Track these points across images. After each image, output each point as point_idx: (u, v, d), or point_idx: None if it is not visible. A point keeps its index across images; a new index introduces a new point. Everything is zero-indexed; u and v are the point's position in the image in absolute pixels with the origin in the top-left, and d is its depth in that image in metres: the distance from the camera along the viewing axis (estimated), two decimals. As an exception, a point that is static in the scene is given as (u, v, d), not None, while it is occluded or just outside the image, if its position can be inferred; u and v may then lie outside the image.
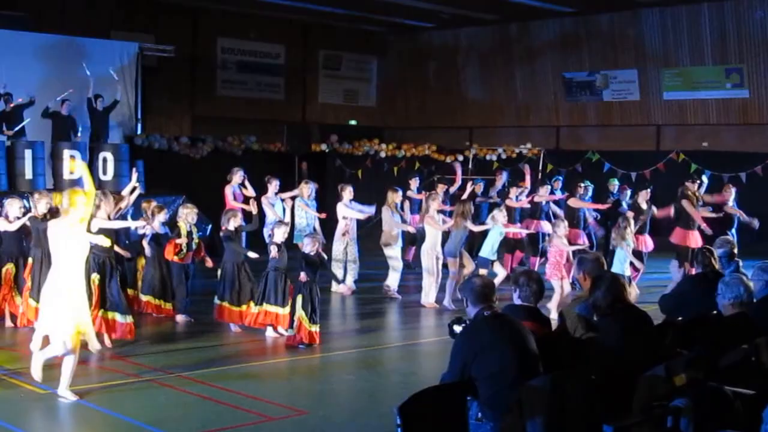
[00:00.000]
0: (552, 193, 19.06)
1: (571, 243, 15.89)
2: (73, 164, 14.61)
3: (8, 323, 13.51)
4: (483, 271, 15.45)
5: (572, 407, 6.45)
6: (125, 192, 14.01)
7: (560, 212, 18.40)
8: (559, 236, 15.18)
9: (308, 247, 12.63)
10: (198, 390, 10.20)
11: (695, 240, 16.78)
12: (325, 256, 13.34)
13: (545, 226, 18.35)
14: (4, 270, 13.30)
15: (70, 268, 9.60)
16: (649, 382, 6.70)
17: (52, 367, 9.89)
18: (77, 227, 9.64)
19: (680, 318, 9.00)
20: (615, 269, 13.57)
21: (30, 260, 13.04)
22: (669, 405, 6.50)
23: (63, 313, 9.53)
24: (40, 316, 9.91)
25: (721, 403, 6.50)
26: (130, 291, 13.37)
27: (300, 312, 12.35)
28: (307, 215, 17.14)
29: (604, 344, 7.39)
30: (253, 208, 14.12)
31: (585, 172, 23.33)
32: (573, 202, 18.30)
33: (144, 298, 13.90)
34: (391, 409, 6.24)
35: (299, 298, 12.37)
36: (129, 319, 11.99)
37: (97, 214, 11.73)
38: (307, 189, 17.31)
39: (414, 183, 19.78)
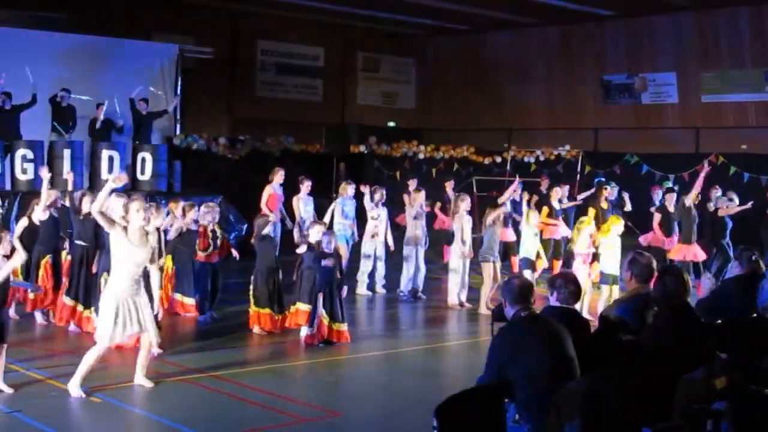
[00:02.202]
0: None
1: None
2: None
3: (39, 320, 13.67)
4: (527, 273, 15.36)
5: (611, 410, 6.36)
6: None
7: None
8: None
9: (326, 243, 12.62)
10: (230, 390, 10.17)
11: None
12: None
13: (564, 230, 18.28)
14: (43, 262, 13.43)
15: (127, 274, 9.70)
16: (690, 385, 6.60)
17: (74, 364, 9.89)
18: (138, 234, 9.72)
19: (719, 320, 8.86)
20: None
21: (69, 257, 13.16)
22: (709, 408, 6.40)
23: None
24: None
25: (762, 406, 6.39)
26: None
27: (321, 310, 12.33)
28: (346, 215, 17.07)
29: (650, 343, 7.26)
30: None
31: (623, 175, 23.10)
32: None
33: (175, 296, 13.97)
34: (426, 410, 6.18)
35: (320, 296, 12.34)
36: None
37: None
38: (350, 189, 17.25)
39: (450, 185, 19.68)
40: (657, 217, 17.65)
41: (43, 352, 11.76)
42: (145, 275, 10.10)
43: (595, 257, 14.66)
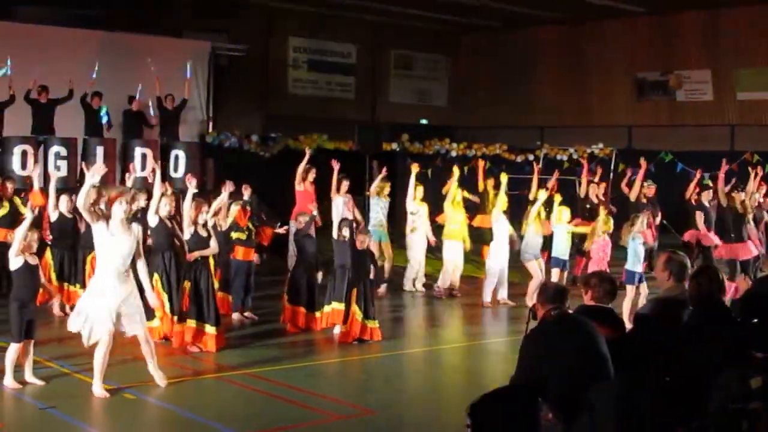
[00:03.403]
0: None
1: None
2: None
3: (57, 312, 13.82)
4: (556, 271, 15.30)
5: (645, 410, 6.32)
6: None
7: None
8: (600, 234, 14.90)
9: (360, 242, 12.61)
10: (264, 387, 10.19)
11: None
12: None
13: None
14: (89, 258, 13.54)
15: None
16: (725, 385, 6.54)
17: (116, 363, 9.93)
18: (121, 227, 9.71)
19: (755, 320, 8.77)
20: None
21: None
22: (744, 408, 6.34)
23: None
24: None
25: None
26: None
27: (354, 306, 12.32)
28: (383, 213, 17.06)
29: (685, 343, 7.21)
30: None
31: (657, 173, 22.93)
32: None
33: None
34: (459, 408, 6.16)
35: (353, 293, 12.34)
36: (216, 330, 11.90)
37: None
38: (387, 187, 17.24)
39: (490, 182, 19.62)
40: (700, 216, 17.42)
41: (80, 350, 11.79)
42: (133, 268, 10.08)
43: None
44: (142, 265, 10.13)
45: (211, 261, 12.80)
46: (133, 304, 9.79)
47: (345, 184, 17.26)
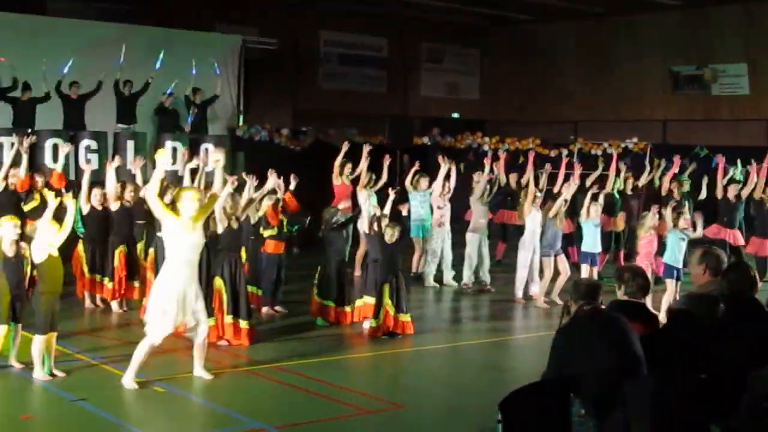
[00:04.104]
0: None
1: None
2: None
3: (88, 304, 13.87)
4: (585, 266, 15.16)
5: (678, 407, 6.22)
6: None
7: None
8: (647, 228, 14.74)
9: (389, 236, 12.52)
10: (293, 381, 10.15)
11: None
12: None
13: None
14: (117, 252, 13.55)
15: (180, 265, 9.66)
16: (759, 382, 6.42)
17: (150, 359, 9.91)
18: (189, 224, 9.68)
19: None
20: None
21: (151, 250, 13.28)
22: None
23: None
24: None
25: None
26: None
27: (386, 301, 12.25)
28: (422, 206, 16.97)
29: (719, 339, 7.08)
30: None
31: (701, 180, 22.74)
32: None
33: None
34: (490, 404, 6.08)
35: (386, 287, 12.26)
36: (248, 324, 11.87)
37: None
38: (423, 182, 17.16)
39: (513, 178, 19.52)
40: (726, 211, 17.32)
41: (111, 342, 11.83)
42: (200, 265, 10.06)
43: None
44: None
45: (243, 255, 12.79)
46: (199, 303, 9.80)
47: (372, 178, 17.21)
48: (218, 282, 11.61)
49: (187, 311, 9.67)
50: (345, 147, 17.65)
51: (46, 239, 9.84)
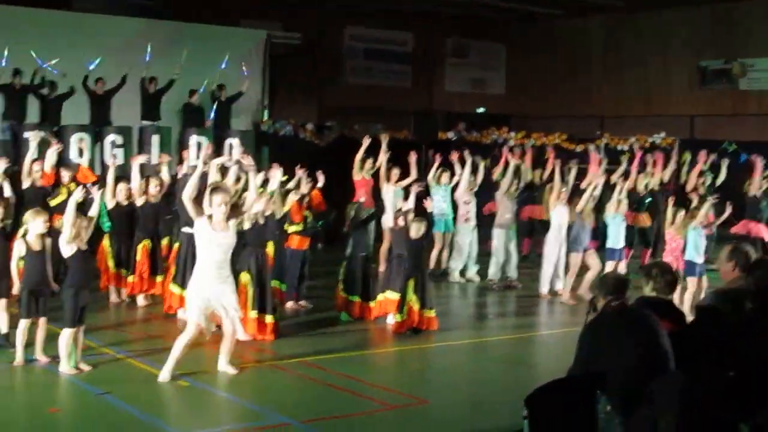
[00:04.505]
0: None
1: None
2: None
3: (113, 298, 13.92)
4: (610, 263, 15.10)
5: (706, 404, 6.17)
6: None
7: None
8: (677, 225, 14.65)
9: (414, 231, 12.48)
10: (318, 376, 10.15)
11: None
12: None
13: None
14: (140, 246, 13.59)
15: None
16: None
17: (167, 350, 9.93)
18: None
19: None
20: None
21: (176, 244, 13.31)
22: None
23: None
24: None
25: None
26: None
27: (411, 296, 12.21)
28: (445, 201, 16.95)
29: (746, 336, 7.02)
30: None
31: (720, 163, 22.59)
32: None
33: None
34: (515, 400, 6.05)
35: (410, 283, 12.23)
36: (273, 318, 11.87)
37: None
38: (446, 176, 17.13)
39: (539, 172, 19.46)
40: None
41: (136, 336, 11.86)
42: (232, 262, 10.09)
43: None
44: None
45: (270, 250, 12.79)
46: (229, 300, 9.79)
47: (395, 173, 17.19)
48: (244, 277, 11.61)
49: (219, 307, 9.71)
50: (366, 142, 17.62)
51: (73, 232, 9.86)
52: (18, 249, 10.27)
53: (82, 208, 10.67)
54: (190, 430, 8.22)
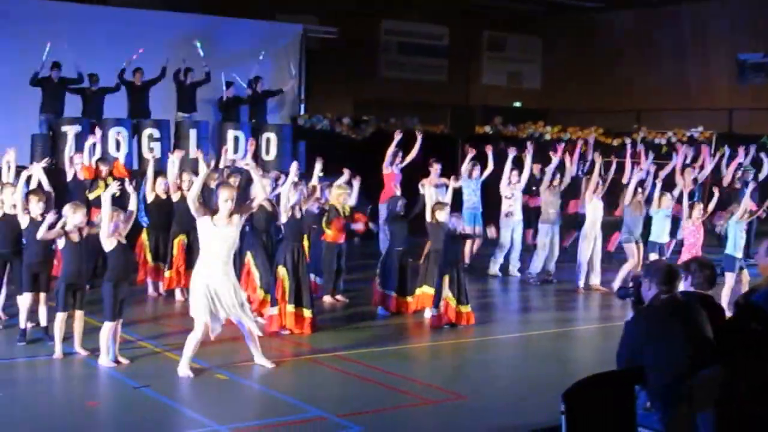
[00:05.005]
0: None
1: None
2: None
3: (151, 292, 14.06)
4: (653, 256, 15.01)
5: (745, 400, 6.12)
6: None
7: None
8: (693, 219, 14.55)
9: (451, 225, 12.46)
10: (355, 370, 10.15)
11: None
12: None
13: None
14: (176, 241, 13.66)
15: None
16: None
17: (210, 344, 9.98)
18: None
19: None
20: None
21: None
22: None
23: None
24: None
25: None
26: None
27: (447, 293, 12.19)
28: (475, 195, 16.92)
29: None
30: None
31: (760, 158, 22.40)
32: None
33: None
34: (553, 395, 6.03)
35: (446, 279, 12.21)
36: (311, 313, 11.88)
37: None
38: (477, 170, 17.10)
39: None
40: None
41: (173, 329, 11.92)
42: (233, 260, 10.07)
43: None
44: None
45: (306, 244, 12.81)
46: (234, 295, 9.78)
47: (436, 168, 17.16)
48: (281, 271, 11.64)
49: (223, 305, 9.70)
50: (398, 136, 17.62)
51: (113, 226, 9.92)
52: (57, 242, 10.37)
53: (121, 202, 10.73)
54: (227, 423, 8.23)
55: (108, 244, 9.92)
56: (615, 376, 6.54)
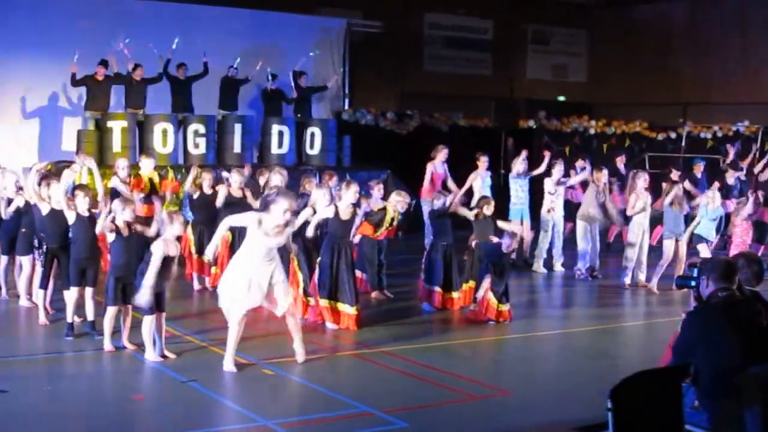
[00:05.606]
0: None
1: None
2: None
3: (197, 286, 14.22)
4: (701, 246, 14.91)
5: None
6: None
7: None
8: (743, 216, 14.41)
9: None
10: (400, 366, 10.16)
11: None
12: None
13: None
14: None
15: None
16: None
17: (257, 338, 10.02)
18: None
19: None
20: None
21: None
22: None
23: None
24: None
25: None
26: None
27: (489, 294, 12.15)
28: (525, 192, 16.87)
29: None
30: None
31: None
32: None
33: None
34: (598, 392, 5.99)
35: (487, 275, 12.17)
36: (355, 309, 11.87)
37: None
38: (522, 166, 17.05)
39: (621, 160, 19.28)
40: None
41: (219, 324, 11.96)
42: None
43: None
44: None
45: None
46: (277, 280, 9.78)
47: (484, 161, 17.15)
48: (294, 264, 11.70)
49: (262, 288, 9.68)
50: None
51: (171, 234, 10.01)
52: (106, 237, 10.47)
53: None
54: (273, 417, 8.25)
55: (171, 249, 10.02)
56: (662, 373, 6.49)
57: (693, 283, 7.07)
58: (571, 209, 17.44)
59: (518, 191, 16.86)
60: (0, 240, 12.98)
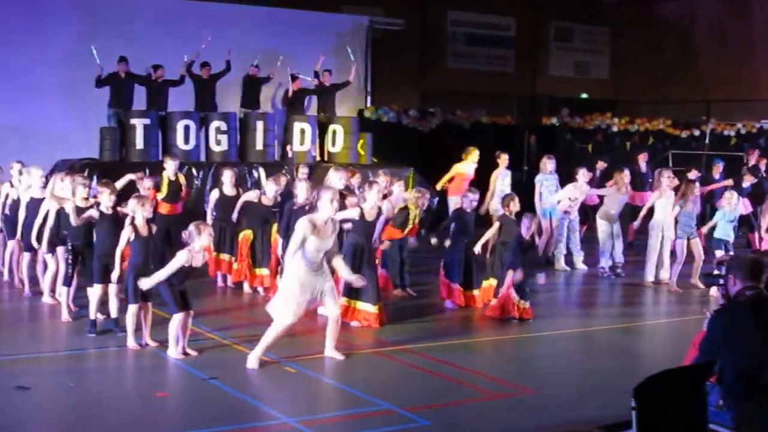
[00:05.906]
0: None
1: None
2: None
3: (219, 284, 14.16)
4: (719, 252, 14.82)
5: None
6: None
7: None
8: None
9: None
10: (422, 364, 10.13)
11: None
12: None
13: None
14: (241, 235, 13.73)
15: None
16: None
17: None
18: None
19: None
20: None
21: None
22: None
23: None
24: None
25: None
26: None
27: (513, 294, 12.11)
28: (548, 190, 16.84)
29: None
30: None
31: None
32: None
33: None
34: (622, 390, 5.96)
35: (509, 272, 12.13)
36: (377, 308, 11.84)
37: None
38: (550, 164, 17.02)
39: (643, 157, 19.19)
40: None
41: (240, 321, 12.01)
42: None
43: None
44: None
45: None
46: (326, 287, 9.82)
47: (504, 158, 17.12)
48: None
49: (315, 293, 9.74)
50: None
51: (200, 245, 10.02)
52: (125, 235, 10.48)
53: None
54: (296, 415, 8.26)
55: (197, 260, 10.05)
56: (686, 372, 6.45)
57: (721, 281, 7.02)
58: (586, 212, 17.40)
59: (544, 190, 16.82)
60: (23, 237, 13.04)
